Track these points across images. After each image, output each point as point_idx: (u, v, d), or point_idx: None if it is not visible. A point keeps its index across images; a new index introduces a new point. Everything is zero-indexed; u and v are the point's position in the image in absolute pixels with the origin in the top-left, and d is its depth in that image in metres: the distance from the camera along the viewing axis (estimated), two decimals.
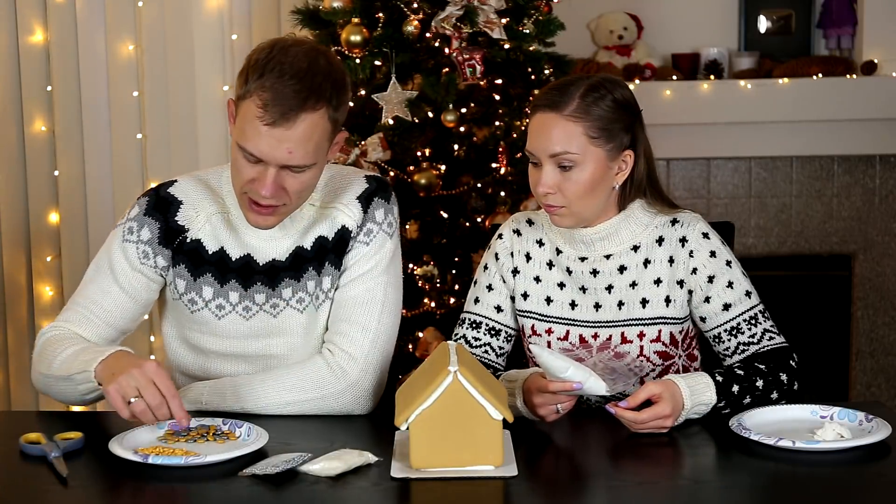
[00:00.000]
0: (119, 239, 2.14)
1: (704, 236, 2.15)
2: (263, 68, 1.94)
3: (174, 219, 2.12)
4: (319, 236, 2.14)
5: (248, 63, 1.98)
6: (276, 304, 2.14)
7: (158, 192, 2.15)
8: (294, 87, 1.92)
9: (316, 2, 3.32)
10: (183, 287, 2.13)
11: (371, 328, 2.10)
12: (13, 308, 4.07)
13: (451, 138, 3.25)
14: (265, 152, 1.94)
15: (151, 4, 3.94)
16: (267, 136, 1.93)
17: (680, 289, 2.14)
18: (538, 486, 1.76)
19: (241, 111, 1.97)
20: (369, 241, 2.14)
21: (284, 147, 1.93)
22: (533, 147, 2.10)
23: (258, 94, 1.93)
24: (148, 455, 1.77)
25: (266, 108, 1.91)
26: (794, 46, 4.23)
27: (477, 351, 2.22)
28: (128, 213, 2.16)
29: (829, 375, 4.35)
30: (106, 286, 2.13)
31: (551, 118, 2.07)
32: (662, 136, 4.06)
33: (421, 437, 1.74)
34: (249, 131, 1.94)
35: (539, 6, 3.27)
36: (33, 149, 4.00)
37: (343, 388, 2.06)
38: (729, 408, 1.99)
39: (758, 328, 2.12)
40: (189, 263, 2.13)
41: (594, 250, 2.16)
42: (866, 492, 1.70)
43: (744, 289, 2.14)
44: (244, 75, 1.98)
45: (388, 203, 2.17)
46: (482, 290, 2.25)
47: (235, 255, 2.13)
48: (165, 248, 2.12)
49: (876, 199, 4.23)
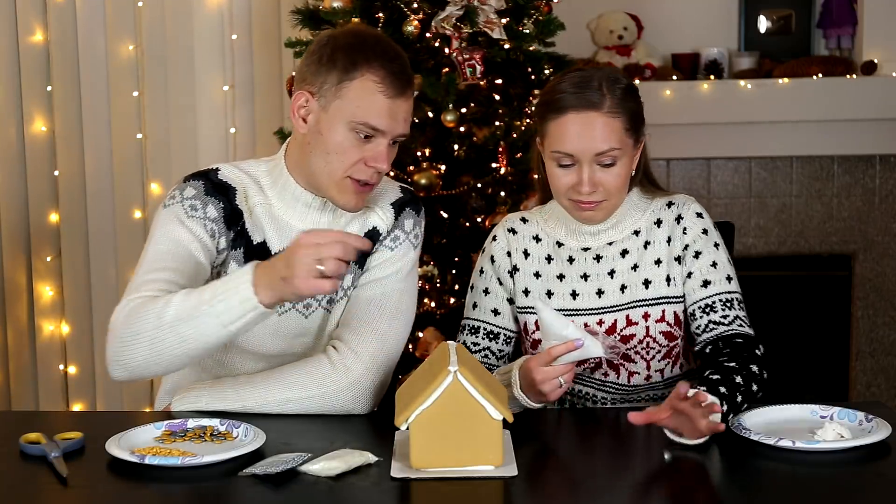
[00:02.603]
0: (181, 216, 2.05)
1: (698, 216, 2.18)
2: (365, 53, 2.03)
3: (234, 202, 2.11)
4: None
5: (334, 51, 2.04)
6: (310, 303, 2.15)
7: (209, 177, 2.12)
8: (402, 65, 2.06)
9: (316, 2, 3.32)
10: (233, 272, 2.03)
11: (381, 330, 2.10)
12: (13, 308, 4.07)
13: (451, 138, 3.25)
14: (387, 122, 2.03)
15: (151, 4, 3.94)
16: (391, 107, 2.03)
17: (678, 265, 2.16)
18: (538, 486, 1.75)
19: (347, 93, 2.02)
20: (394, 247, 2.17)
21: (402, 117, 2.05)
22: (572, 149, 2.08)
23: (372, 72, 2.02)
24: (144, 455, 1.77)
25: (385, 83, 2.02)
26: (794, 46, 4.24)
27: (477, 356, 2.22)
28: (181, 195, 2.07)
29: (829, 375, 4.35)
30: (177, 251, 2.02)
31: (592, 117, 2.07)
32: (662, 136, 4.06)
33: (421, 437, 1.74)
34: (369, 105, 2.02)
35: (539, 6, 3.27)
36: (33, 149, 4.00)
37: (344, 385, 2.06)
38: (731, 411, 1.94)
39: (731, 312, 2.12)
40: (245, 249, 2.11)
41: (598, 240, 2.18)
42: (866, 492, 1.70)
43: (726, 272, 2.16)
44: (335, 62, 2.02)
45: (418, 216, 2.22)
46: (479, 295, 2.26)
47: (276, 248, 2.12)
48: (229, 229, 2.10)
49: (876, 199, 4.23)
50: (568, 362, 1.95)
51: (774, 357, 4.36)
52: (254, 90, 3.98)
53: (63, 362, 4.11)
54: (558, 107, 2.09)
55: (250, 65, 3.97)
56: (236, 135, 3.98)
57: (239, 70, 3.97)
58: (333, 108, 2.03)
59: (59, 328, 4.10)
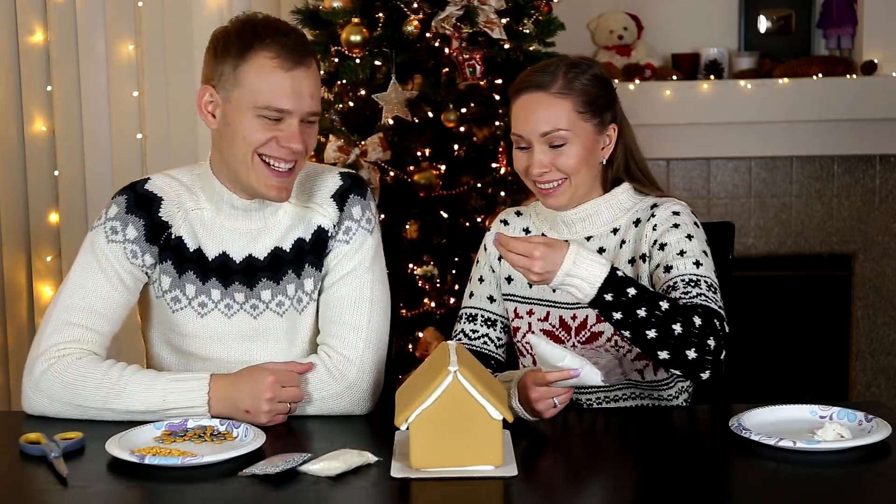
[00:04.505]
0: (102, 240, 2.08)
1: (675, 213, 2.12)
2: (256, 33, 2.00)
3: (157, 214, 2.09)
4: (298, 238, 2.13)
5: (227, 40, 2.02)
6: (256, 305, 2.12)
7: (136, 189, 2.11)
8: (297, 39, 2.03)
9: (316, 2, 3.32)
10: (168, 284, 2.11)
11: (362, 327, 2.09)
12: (13, 308, 4.07)
13: (451, 138, 3.25)
14: (292, 100, 1.98)
15: (151, 4, 3.94)
16: (290, 80, 1.98)
17: (643, 263, 2.11)
18: (538, 486, 1.75)
19: (244, 77, 1.99)
20: (349, 240, 2.14)
21: (306, 92, 2.00)
22: (521, 130, 2.11)
23: (264, 50, 1.98)
24: (144, 455, 1.77)
25: (281, 57, 1.98)
26: (794, 46, 4.24)
27: (476, 343, 2.23)
28: (105, 214, 2.10)
29: (829, 375, 4.35)
30: (97, 286, 2.06)
31: (538, 97, 2.09)
32: (662, 136, 4.08)
33: (421, 437, 1.74)
34: (268, 85, 1.98)
35: (539, 6, 3.27)
36: (33, 149, 4.01)
37: (342, 390, 2.06)
38: (619, 309, 1.90)
39: (693, 290, 1.99)
40: (174, 260, 2.10)
41: (575, 231, 2.18)
42: (866, 492, 1.70)
43: (694, 258, 2.04)
44: (228, 50, 2.01)
45: (365, 199, 2.16)
46: (475, 284, 2.28)
47: (212, 253, 2.11)
48: (152, 244, 2.09)
49: (876, 199, 4.23)
50: (565, 387, 1.95)
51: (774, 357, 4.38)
52: None
53: None
54: (515, 90, 2.13)
55: None
56: None
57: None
58: (235, 96, 2.00)
59: None
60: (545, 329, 2.18)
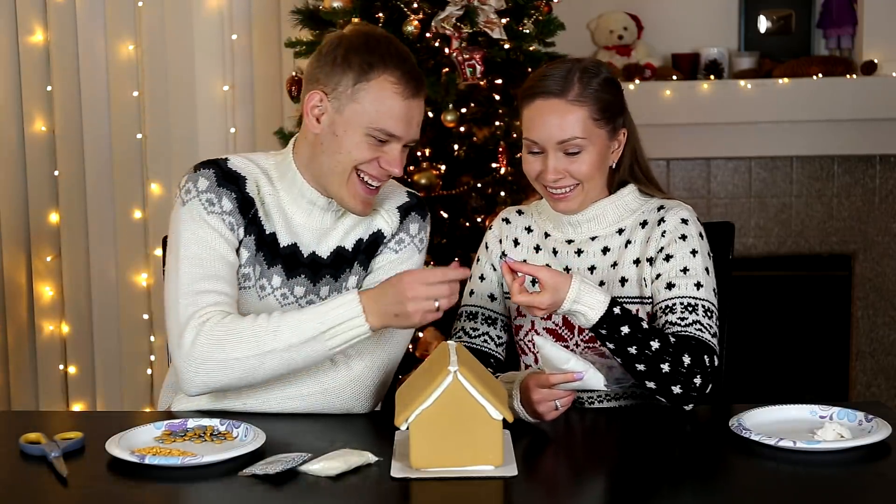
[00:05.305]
0: (202, 213, 2.05)
1: (683, 221, 2.13)
2: (380, 54, 2.02)
3: (245, 190, 2.10)
4: (358, 239, 2.17)
5: (347, 51, 2.03)
6: (313, 300, 2.14)
7: (220, 165, 2.11)
8: (414, 65, 2.06)
9: (316, 2, 3.32)
10: (244, 259, 2.09)
11: (383, 330, 2.10)
12: (13, 308, 4.07)
13: (451, 138, 3.25)
14: (403, 127, 2.03)
15: (151, 4, 3.94)
16: (406, 108, 2.03)
17: (649, 266, 2.13)
18: (538, 486, 1.75)
19: (363, 96, 2.02)
20: (399, 250, 2.18)
21: (416, 120, 2.06)
22: (536, 136, 2.10)
23: (387, 75, 2.01)
24: (144, 455, 1.77)
25: (402, 84, 2.02)
26: (794, 46, 4.24)
27: (476, 341, 2.23)
28: (195, 187, 2.06)
29: (829, 375, 4.35)
30: (212, 254, 2.03)
31: (554, 104, 2.08)
32: (662, 136, 4.08)
33: (421, 437, 1.74)
34: (386, 109, 2.01)
35: (539, 6, 3.27)
36: (33, 149, 4.01)
37: (345, 382, 2.06)
38: (612, 342, 1.97)
39: (690, 315, 2.05)
40: (257, 237, 2.11)
41: (581, 232, 2.18)
42: (866, 492, 1.70)
43: (696, 279, 2.08)
44: (350, 64, 2.02)
45: (423, 221, 2.22)
46: (476, 282, 2.28)
47: (284, 241, 2.12)
48: (243, 218, 2.09)
49: (876, 199, 4.23)
50: (568, 390, 1.95)
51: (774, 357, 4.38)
52: (254, 90, 3.98)
53: (63, 362, 4.11)
54: (529, 94, 2.12)
55: (250, 65, 3.97)
56: (236, 135, 3.98)
57: (239, 70, 3.97)
58: (349, 111, 2.03)
59: (59, 328, 4.10)
60: (548, 327, 2.19)
